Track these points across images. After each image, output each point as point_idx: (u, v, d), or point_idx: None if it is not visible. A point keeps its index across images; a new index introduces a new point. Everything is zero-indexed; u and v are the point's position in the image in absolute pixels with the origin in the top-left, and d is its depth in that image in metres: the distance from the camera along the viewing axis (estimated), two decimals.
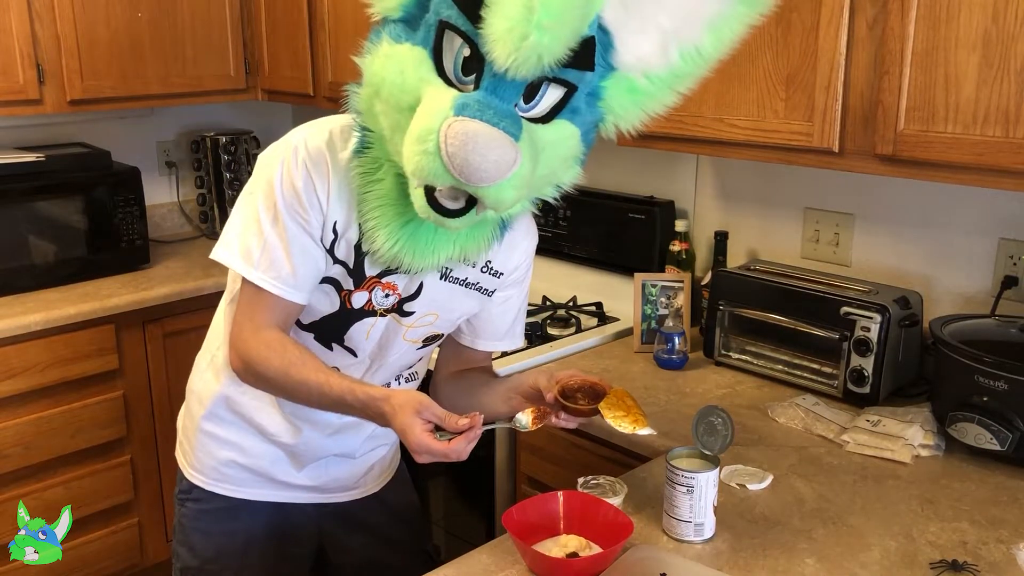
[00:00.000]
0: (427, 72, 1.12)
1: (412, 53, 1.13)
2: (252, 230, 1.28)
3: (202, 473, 1.52)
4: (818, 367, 1.90)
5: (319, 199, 1.26)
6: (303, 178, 1.25)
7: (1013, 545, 1.34)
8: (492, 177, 1.07)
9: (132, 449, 2.63)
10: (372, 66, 1.17)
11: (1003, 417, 1.54)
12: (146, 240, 2.79)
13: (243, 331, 1.30)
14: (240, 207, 1.31)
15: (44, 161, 2.60)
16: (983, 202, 1.85)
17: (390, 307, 1.37)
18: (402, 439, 1.20)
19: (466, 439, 1.19)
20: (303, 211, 1.26)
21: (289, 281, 1.28)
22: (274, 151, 1.29)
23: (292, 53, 2.88)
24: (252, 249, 1.28)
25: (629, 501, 1.43)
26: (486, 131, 1.06)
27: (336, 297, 1.35)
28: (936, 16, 1.50)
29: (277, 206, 1.26)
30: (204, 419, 1.50)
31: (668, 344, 2.05)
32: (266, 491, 1.53)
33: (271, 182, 1.27)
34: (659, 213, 2.32)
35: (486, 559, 1.31)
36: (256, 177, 1.30)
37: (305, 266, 1.29)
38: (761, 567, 1.29)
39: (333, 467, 1.55)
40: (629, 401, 1.33)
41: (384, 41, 1.15)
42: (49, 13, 2.53)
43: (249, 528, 1.53)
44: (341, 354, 1.41)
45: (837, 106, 1.65)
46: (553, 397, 1.32)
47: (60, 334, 2.42)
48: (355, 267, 1.32)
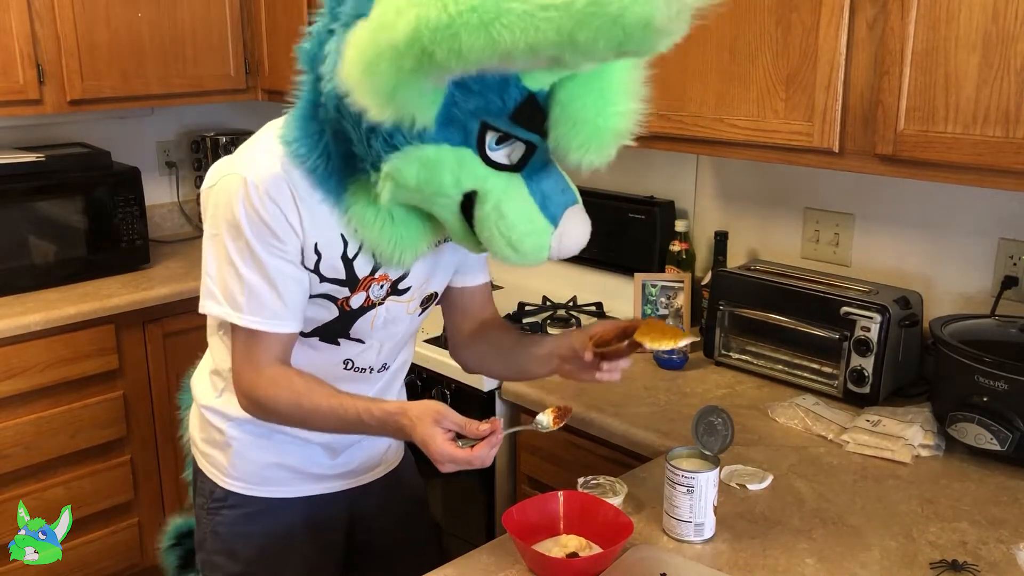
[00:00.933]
0: (480, 169, 1.15)
1: (462, 156, 1.14)
2: (229, 274, 1.26)
3: (239, 479, 1.50)
4: (818, 367, 1.90)
5: (292, 226, 1.24)
6: (270, 209, 1.23)
7: (1013, 545, 1.34)
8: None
9: (132, 449, 2.63)
10: (408, 170, 1.14)
11: (1003, 417, 1.55)
12: (146, 240, 2.79)
13: (246, 374, 1.30)
14: (208, 253, 1.29)
15: (44, 161, 2.60)
16: (983, 202, 1.85)
17: (385, 294, 1.38)
18: (424, 450, 1.20)
19: (488, 444, 1.19)
20: (278, 242, 1.24)
21: (281, 315, 1.28)
22: (224, 189, 1.25)
23: (292, 53, 2.88)
24: (235, 295, 1.26)
25: (629, 501, 1.43)
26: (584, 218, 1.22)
27: (334, 307, 1.35)
28: (936, 16, 1.50)
29: (249, 244, 1.24)
30: (233, 428, 1.47)
31: None
32: (303, 486, 1.53)
33: (234, 223, 1.24)
34: (659, 213, 2.32)
35: (486, 559, 1.31)
36: (214, 219, 1.27)
37: (292, 295, 1.28)
38: (761, 567, 1.29)
39: (365, 449, 1.56)
40: (663, 325, 1.34)
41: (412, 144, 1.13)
42: (49, 13, 2.53)
43: (289, 525, 1.53)
44: (349, 345, 1.41)
45: (837, 106, 1.65)
46: (591, 355, 1.33)
47: (60, 334, 2.41)
48: (348, 277, 1.32)
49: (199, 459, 1.56)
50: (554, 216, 1.17)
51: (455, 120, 1.11)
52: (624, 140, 1.14)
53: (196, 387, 1.55)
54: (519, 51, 0.93)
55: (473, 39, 0.94)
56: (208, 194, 1.29)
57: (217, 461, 1.52)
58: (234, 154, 1.30)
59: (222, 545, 1.53)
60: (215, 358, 1.49)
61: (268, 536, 1.52)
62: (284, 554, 1.53)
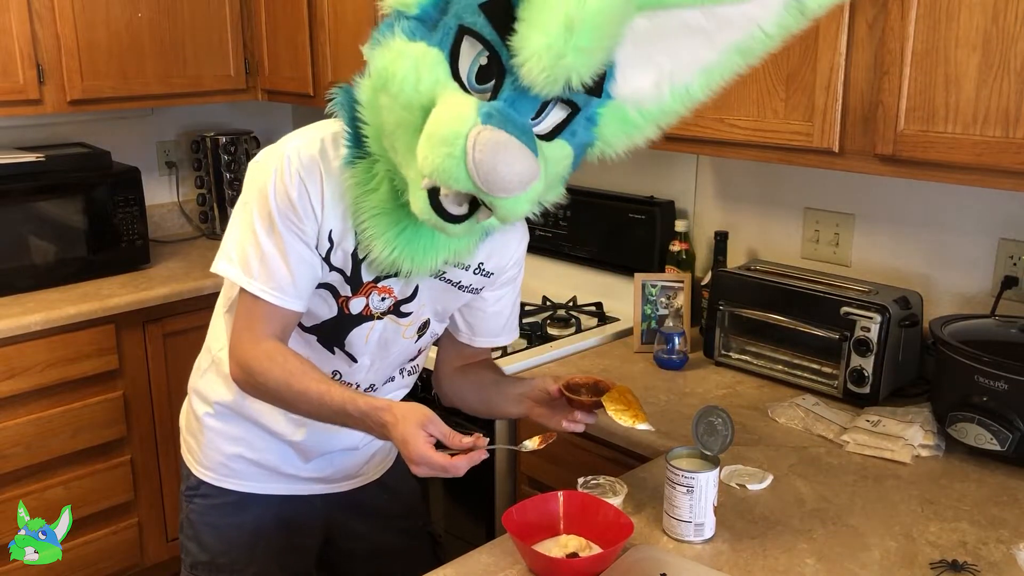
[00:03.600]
0: (443, 75, 1.12)
1: (428, 53, 1.12)
2: (249, 241, 1.28)
3: (210, 469, 1.53)
4: (818, 367, 1.90)
5: (314, 208, 1.26)
6: (297, 187, 1.25)
7: (1013, 545, 1.34)
8: (514, 189, 1.08)
9: (132, 449, 2.63)
10: (382, 60, 1.15)
11: (1003, 417, 1.54)
12: (146, 240, 2.79)
13: (243, 342, 1.31)
14: (236, 218, 1.31)
15: (44, 161, 2.60)
16: (983, 202, 1.85)
17: (387, 310, 1.39)
18: (401, 449, 1.20)
19: (468, 459, 1.19)
20: (298, 220, 1.26)
21: (288, 291, 1.29)
22: (265, 160, 1.29)
23: (292, 53, 2.88)
24: (250, 260, 1.28)
25: (629, 501, 1.43)
26: (515, 144, 1.07)
27: (334, 303, 1.35)
28: (936, 16, 1.50)
29: (272, 216, 1.26)
30: (209, 417, 1.51)
31: (668, 344, 2.05)
32: (274, 484, 1.54)
33: (264, 192, 1.26)
34: (659, 213, 2.32)
35: (486, 559, 1.31)
36: (249, 187, 1.30)
37: (302, 275, 1.29)
38: (761, 567, 1.29)
39: (338, 459, 1.56)
40: (631, 397, 1.37)
41: (396, 36, 1.14)
42: (49, 13, 2.53)
43: (258, 521, 1.55)
44: (341, 359, 1.42)
45: (837, 106, 1.65)
46: (558, 390, 1.37)
47: (60, 334, 2.42)
48: (352, 274, 1.33)
49: (182, 443, 1.59)
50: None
51: (434, 19, 1.13)
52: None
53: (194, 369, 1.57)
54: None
55: None
56: (253, 166, 1.31)
57: (192, 448, 1.56)
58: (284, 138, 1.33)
59: (193, 532, 1.57)
60: (211, 335, 1.51)
61: (236, 529, 1.54)
62: (251, 549, 1.55)
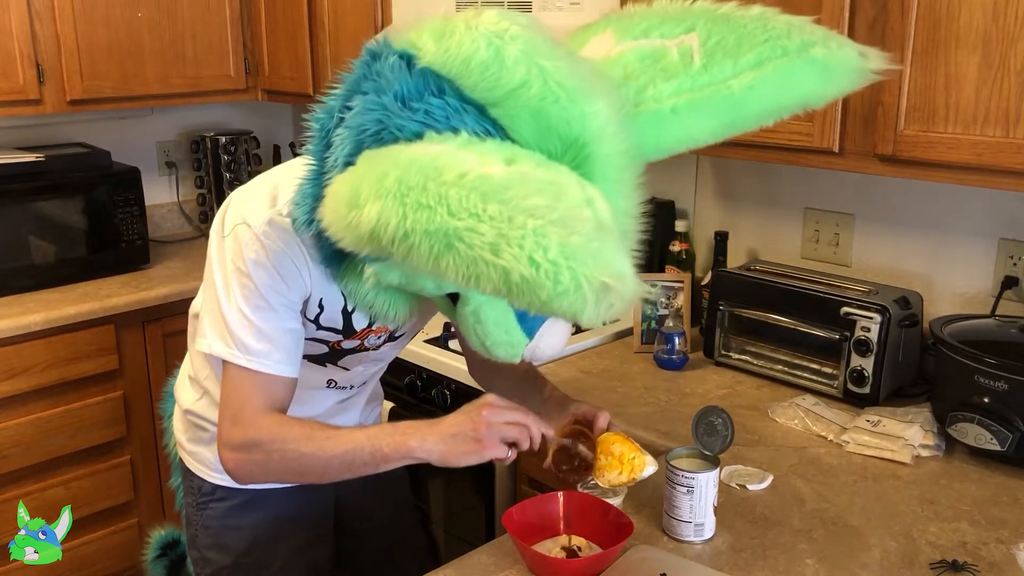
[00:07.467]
0: None
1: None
2: (237, 320, 1.24)
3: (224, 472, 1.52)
4: (818, 367, 1.90)
5: (302, 278, 1.25)
6: (282, 260, 1.23)
7: (1013, 545, 1.34)
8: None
9: (132, 449, 2.63)
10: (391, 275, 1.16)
11: (1003, 417, 1.54)
12: (146, 240, 2.79)
13: (239, 423, 1.26)
14: (215, 295, 1.26)
15: (44, 161, 2.59)
16: (983, 202, 1.85)
17: (382, 343, 1.43)
18: (479, 402, 1.21)
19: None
20: (286, 290, 1.24)
21: (283, 360, 1.26)
22: (238, 236, 1.24)
23: (292, 53, 2.88)
24: (240, 337, 1.24)
25: (629, 501, 1.43)
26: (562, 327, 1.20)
27: (325, 347, 1.38)
28: (936, 16, 1.50)
29: (259, 290, 1.23)
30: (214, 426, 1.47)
31: (668, 344, 2.04)
32: None
33: (244, 270, 1.23)
34: (659, 213, 2.32)
35: (486, 559, 1.31)
36: (223, 262, 1.26)
37: (296, 344, 1.28)
38: (761, 567, 1.29)
39: None
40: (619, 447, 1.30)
41: None
42: (49, 13, 2.53)
43: (276, 514, 1.55)
44: (336, 370, 1.45)
45: (837, 106, 1.65)
46: (548, 465, 1.32)
47: (60, 334, 2.41)
48: (344, 327, 1.34)
49: (186, 459, 1.59)
50: (531, 329, 1.16)
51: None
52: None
53: (179, 392, 1.59)
54: (461, 282, 0.94)
55: (421, 261, 0.94)
56: (223, 240, 1.27)
57: (204, 457, 1.55)
58: (248, 198, 1.27)
59: (212, 539, 1.56)
60: (194, 365, 1.52)
61: (257, 526, 1.54)
62: (273, 544, 1.55)
